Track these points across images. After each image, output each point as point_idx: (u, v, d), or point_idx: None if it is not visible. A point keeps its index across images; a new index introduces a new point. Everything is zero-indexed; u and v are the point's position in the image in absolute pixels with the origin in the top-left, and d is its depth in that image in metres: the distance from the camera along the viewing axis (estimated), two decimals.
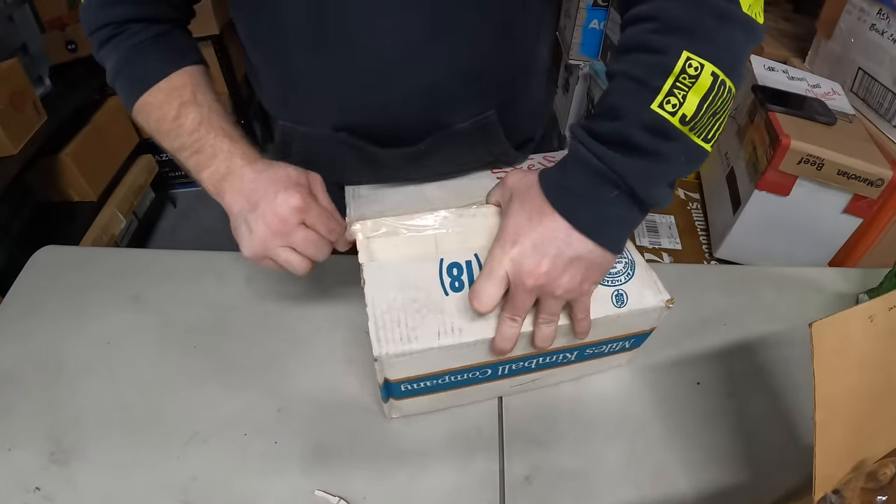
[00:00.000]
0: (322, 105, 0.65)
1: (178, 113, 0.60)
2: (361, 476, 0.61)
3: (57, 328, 0.75)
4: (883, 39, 1.08)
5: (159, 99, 0.62)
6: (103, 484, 0.60)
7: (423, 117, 0.64)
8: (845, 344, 0.44)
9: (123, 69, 0.64)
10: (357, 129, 0.65)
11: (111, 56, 0.64)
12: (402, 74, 0.60)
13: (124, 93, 0.64)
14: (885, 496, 0.43)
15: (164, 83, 0.62)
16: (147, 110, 0.62)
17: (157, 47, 0.64)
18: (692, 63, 0.45)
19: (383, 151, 0.66)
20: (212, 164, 0.59)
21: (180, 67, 0.63)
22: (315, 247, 0.57)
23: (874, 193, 1.00)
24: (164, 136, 0.62)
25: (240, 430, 0.64)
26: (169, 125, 0.61)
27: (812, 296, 0.82)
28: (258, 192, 0.56)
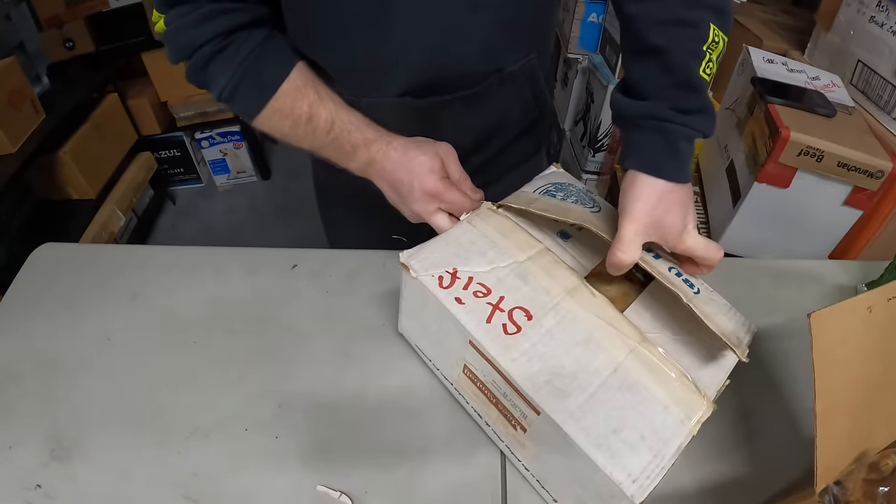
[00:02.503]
0: (387, 76, 0.70)
1: (309, 115, 0.64)
2: (363, 471, 0.61)
3: (57, 325, 0.75)
4: (882, 31, 1.08)
5: (287, 103, 0.64)
6: (104, 480, 0.61)
7: (480, 66, 0.71)
8: (845, 334, 0.44)
9: (243, 80, 0.64)
10: (420, 89, 0.70)
11: (223, 71, 0.63)
12: (462, 32, 0.66)
13: (248, 103, 0.65)
14: (887, 487, 0.43)
15: (286, 85, 0.64)
16: (278, 117, 0.65)
17: (267, 52, 0.65)
18: (716, 34, 0.57)
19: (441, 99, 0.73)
20: (354, 158, 0.66)
21: (294, 66, 0.65)
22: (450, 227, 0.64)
23: (874, 185, 1.00)
24: (300, 139, 0.67)
25: (240, 426, 0.64)
26: (304, 129, 0.65)
27: (812, 288, 0.82)
28: (398, 183, 0.65)
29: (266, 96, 0.64)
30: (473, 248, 0.60)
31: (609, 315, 0.56)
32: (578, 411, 0.49)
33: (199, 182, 2.43)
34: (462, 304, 0.55)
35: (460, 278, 0.56)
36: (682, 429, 0.49)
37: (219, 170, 2.39)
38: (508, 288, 0.56)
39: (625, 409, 0.50)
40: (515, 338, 0.53)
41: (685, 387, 0.52)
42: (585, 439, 0.48)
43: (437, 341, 0.62)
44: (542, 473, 0.57)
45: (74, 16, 1.89)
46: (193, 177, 2.41)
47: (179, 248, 0.85)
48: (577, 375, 0.51)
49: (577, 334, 0.54)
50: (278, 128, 0.66)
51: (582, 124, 1.93)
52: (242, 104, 0.66)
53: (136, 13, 1.93)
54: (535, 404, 0.50)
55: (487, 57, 0.70)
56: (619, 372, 0.52)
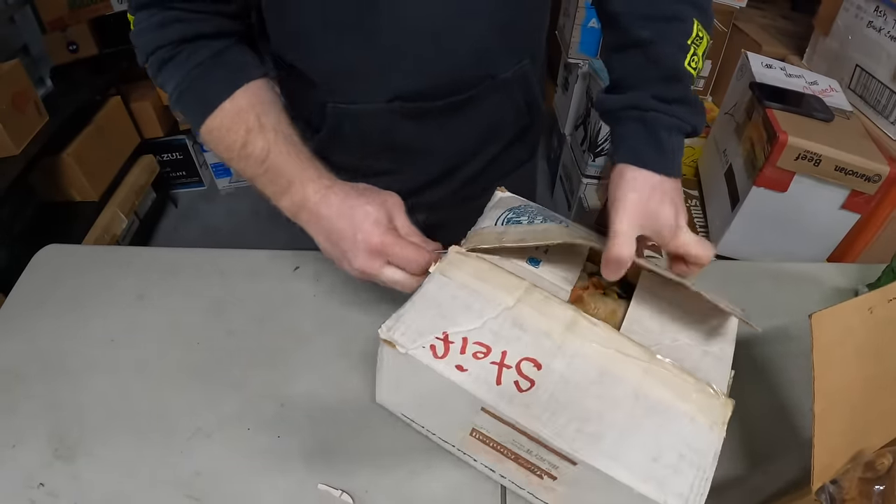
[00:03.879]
0: (376, 83, 0.68)
1: (244, 141, 0.60)
2: (364, 470, 0.61)
3: (61, 326, 0.75)
4: (880, 36, 1.09)
5: (224, 125, 0.60)
6: (107, 479, 0.61)
7: (472, 72, 0.69)
8: (844, 335, 0.45)
9: (185, 93, 0.62)
10: (410, 95, 0.68)
11: (170, 80, 0.62)
12: (454, 38, 0.65)
13: (189, 117, 0.63)
14: (883, 485, 0.44)
15: (227, 104, 0.60)
16: (214, 137, 0.62)
17: (216, 66, 0.62)
18: (699, 30, 0.58)
19: (433, 105, 0.70)
20: (287, 194, 0.60)
21: (244, 83, 0.61)
22: (405, 281, 0.58)
23: (871, 189, 1.01)
24: (234, 164, 0.62)
25: (243, 426, 0.65)
26: (238, 154, 0.61)
27: (810, 291, 0.83)
28: (338, 235, 0.58)
29: (204, 114, 0.61)
30: (457, 304, 0.54)
31: (613, 341, 0.54)
32: (615, 450, 0.48)
33: (201, 185, 2.44)
34: (465, 370, 0.50)
35: (454, 342, 0.52)
36: (714, 435, 0.49)
37: (221, 173, 2.40)
38: (508, 340, 0.53)
39: (657, 433, 0.49)
40: (532, 393, 0.50)
41: (702, 392, 0.52)
42: (631, 477, 0.46)
43: (435, 411, 0.58)
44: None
45: (78, 19, 1.90)
46: (195, 180, 2.41)
47: (183, 250, 0.86)
48: (603, 415, 0.49)
49: (591, 371, 0.52)
50: (216, 149, 0.62)
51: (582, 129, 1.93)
52: (186, 116, 0.64)
53: None
54: (571, 457, 0.48)
55: (480, 63, 0.69)
56: (640, 397, 0.51)
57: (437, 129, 0.74)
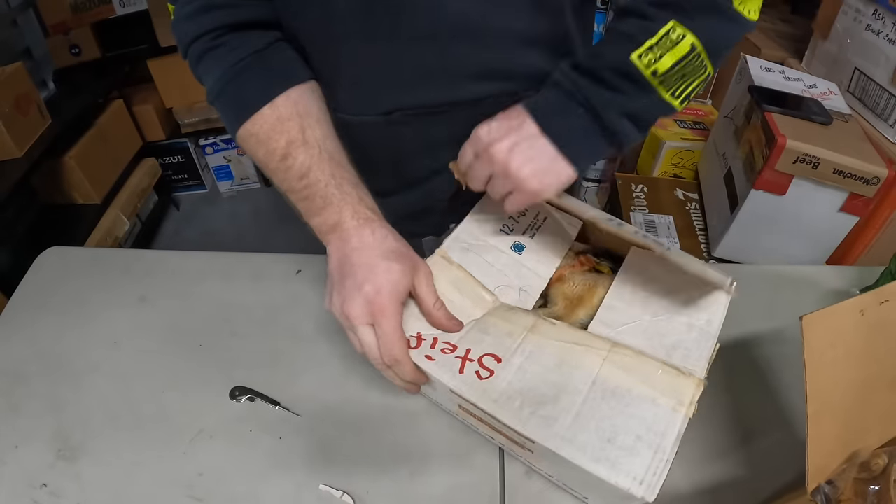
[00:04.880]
0: (376, 93, 0.65)
1: (285, 153, 0.56)
2: (365, 472, 0.61)
3: (64, 328, 0.76)
4: (878, 39, 1.09)
5: (265, 131, 0.57)
6: (110, 480, 0.61)
7: (481, 89, 0.65)
8: (836, 337, 0.45)
9: (224, 92, 0.58)
10: (410, 106, 0.66)
11: (209, 75, 0.58)
12: (458, 55, 0.61)
13: (226, 118, 0.59)
14: (878, 486, 0.44)
15: (268, 110, 0.57)
16: (253, 143, 0.58)
17: (259, 65, 0.58)
18: (676, 31, 0.51)
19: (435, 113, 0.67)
20: (321, 214, 0.57)
21: (286, 89, 0.58)
22: (370, 351, 0.55)
23: (870, 192, 1.01)
24: (271, 173, 0.59)
25: (245, 427, 0.65)
26: (276, 164, 0.57)
27: (809, 294, 0.83)
28: (351, 267, 0.54)
29: (242, 117, 0.57)
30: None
31: (573, 336, 0.58)
32: (568, 433, 0.50)
33: (203, 188, 2.44)
34: (432, 360, 0.56)
35: (426, 339, 0.58)
36: (676, 416, 0.51)
37: (223, 176, 2.40)
38: (472, 341, 0.58)
39: (613, 416, 0.51)
40: (490, 381, 0.54)
41: (669, 374, 0.53)
42: (583, 457, 0.49)
43: (432, 387, 0.62)
44: (565, 479, 0.58)
45: (81, 22, 1.91)
46: (197, 183, 2.42)
47: (185, 252, 0.86)
48: (559, 398, 0.52)
49: (548, 362, 0.55)
50: (254, 154, 0.59)
51: None
52: (222, 117, 0.60)
53: (142, 20, 1.95)
54: (526, 437, 0.51)
55: (492, 83, 0.66)
56: (597, 383, 0.53)
57: (435, 141, 0.71)
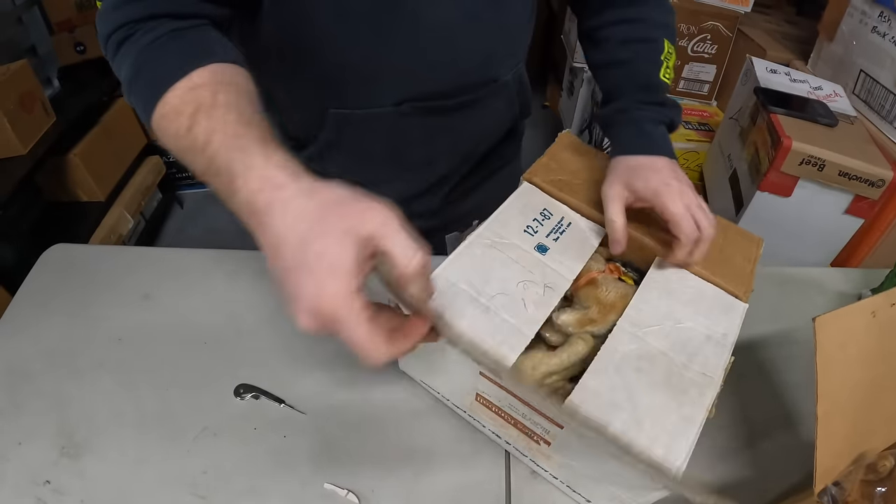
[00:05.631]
0: (387, 85, 0.68)
1: (190, 124, 0.45)
2: (369, 470, 0.61)
3: (68, 325, 0.76)
4: (884, 42, 1.09)
5: (174, 107, 0.47)
6: (114, 477, 0.61)
7: (479, 75, 0.72)
8: (847, 338, 0.45)
9: (138, 76, 0.50)
10: (419, 97, 0.70)
11: (124, 62, 0.51)
12: (464, 43, 0.67)
13: (140, 106, 0.50)
14: (885, 488, 0.44)
15: (182, 83, 0.47)
16: (164, 125, 0.48)
17: (174, 43, 0.50)
18: (668, 47, 0.69)
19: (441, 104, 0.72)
20: (234, 190, 0.42)
21: (205, 64, 0.48)
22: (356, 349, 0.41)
23: (875, 194, 1.01)
24: (183, 156, 0.47)
25: (249, 425, 0.65)
26: (185, 142, 0.45)
27: (814, 295, 0.83)
28: (278, 256, 0.41)
29: (154, 96, 0.47)
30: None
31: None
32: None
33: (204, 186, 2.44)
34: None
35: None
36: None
37: None
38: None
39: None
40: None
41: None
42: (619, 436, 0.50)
43: (445, 375, 0.63)
44: (570, 479, 0.58)
45: (86, 20, 1.91)
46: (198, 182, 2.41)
47: (190, 250, 0.86)
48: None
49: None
50: (166, 140, 0.48)
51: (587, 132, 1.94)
52: (137, 107, 0.51)
53: None
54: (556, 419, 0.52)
55: (487, 67, 0.72)
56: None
57: (440, 130, 0.75)
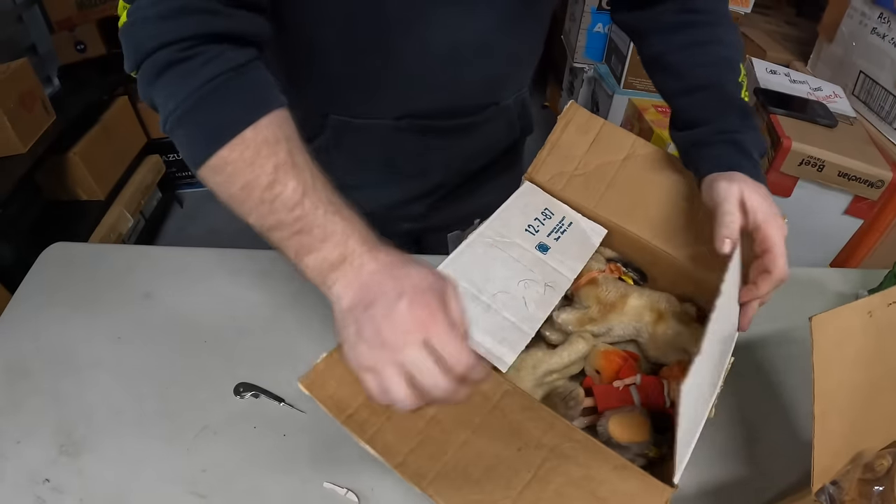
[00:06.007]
0: (388, 100, 0.68)
1: (272, 179, 0.46)
2: (369, 469, 0.61)
3: (67, 323, 0.76)
4: (884, 43, 1.09)
5: (246, 157, 0.46)
6: (113, 476, 0.61)
7: (480, 99, 0.72)
8: (844, 338, 0.45)
9: (193, 111, 0.47)
10: (419, 114, 0.70)
11: (174, 92, 0.47)
12: (469, 69, 0.66)
13: (191, 145, 0.48)
14: (882, 487, 0.44)
15: (250, 132, 0.46)
16: (229, 172, 0.47)
17: (236, 83, 0.48)
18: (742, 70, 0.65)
19: (439, 123, 0.72)
20: (322, 248, 0.45)
21: (269, 112, 0.48)
22: (431, 376, 0.41)
23: (874, 195, 1.01)
24: (253, 208, 0.47)
25: (249, 424, 0.65)
26: (260, 195, 0.46)
27: (813, 295, 0.83)
28: (377, 287, 0.44)
29: (218, 141, 0.46)
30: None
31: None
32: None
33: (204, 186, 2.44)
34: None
35: None
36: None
37: None
38: None
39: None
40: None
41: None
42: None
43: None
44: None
45: (86, 19, 1.91)
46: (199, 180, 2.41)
47: (190, 249, 0.86)
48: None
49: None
50: (227, 186, 0.47)
51: None
52: (188, 141, 0.48)
53: None
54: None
55: (489, 92, 0.72)
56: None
57: (437, 147, 0.76)
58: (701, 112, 0.65)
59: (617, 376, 0.60)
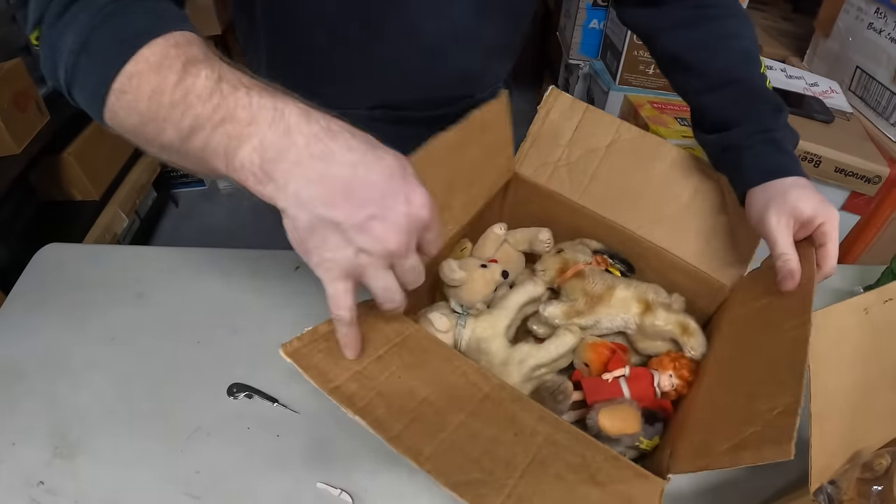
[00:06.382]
0: (361, 90, 0.68)
1: (181, 75, 0.38)
2: (363, 469, 0.61)
3: (61, 325, 0.75)
4: (881, 38, 1.09)
5: (153, 62, 0.39)
6: (107, 478, 0.61)
7: (454, 91, 0.71)
8: (840, 335, 0.45)
9: (94, 35, 0.41)
10: (392, 105, 0.69)
11: (73, 24, 0.41)
12: (444, 62, 0.66)
13: (95, 71, 0.41)
14: (881, 486, 0.44)
15: (160, 40, 0.39)
16: (134, 85, 0.39)
17: (142, 5, 0.42)
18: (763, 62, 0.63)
19: (412, 114, 0.71)
20: (254, 133, 0.38)
21: (173, 29, 0.41)
22: (417, 274, 0.42)
23: (871, 191, 1.01)
24: (165, 116, 0.39)
25: (242, 424, 0.65)
26: (171, 97, 0.38)
27: None
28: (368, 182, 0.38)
29: (124, 54, 0.39)
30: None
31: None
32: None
33: (202, 185, 2.43)
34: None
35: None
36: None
37: None
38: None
39: None
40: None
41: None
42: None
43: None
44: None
45: None
46: (196, 179, 2.41)
47: (184, 249, 0.86)
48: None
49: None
50: (132, 107, 0.40)
51: None
52: (92, 70, 0.41)
53: None
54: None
55: (464, 84, 0.72)
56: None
57: (411, 137, 0.74)
58: (731, 110, 0.63)
59: (606, 368, 0.59)
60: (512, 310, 0.60)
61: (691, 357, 0.60)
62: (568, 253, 0.66)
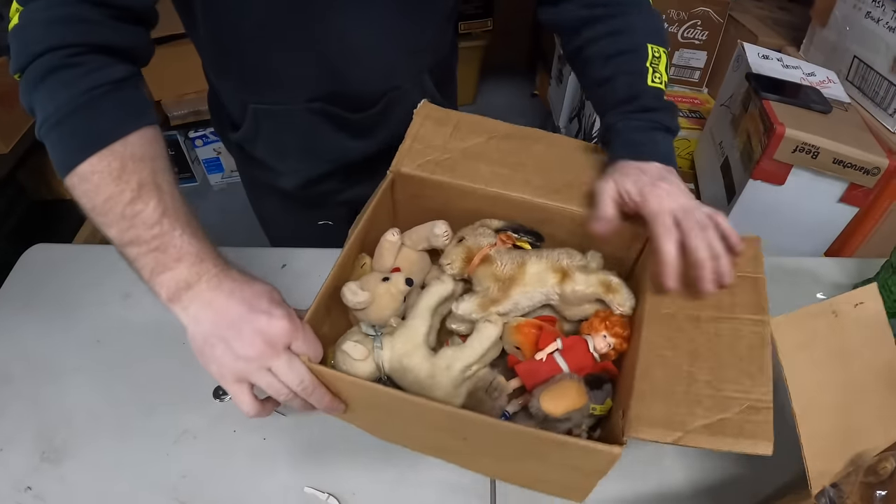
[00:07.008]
0: (296, 87, 0.73)
1: (135, 196, 0.49)
2: (351, 473, 0.60)
3: (48, 326, 0.75)
4: (878, 27, 1.07)
5: (114, 168, 0.49)
6: (94, 482, 0.61)
7: (382, 85, 0.76)
8: (810, 339, 0.46)
9: (69, 118, 0.50)
10: (326, 98, 0.74)
11: (53, 97, 0.50)
12: (368, 58, 0.71)
13: (63, 150, 0.50)
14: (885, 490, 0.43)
15: (119, 147, 0.50)
16: (95, 182, 0.49)
17: (113, 97, 0.52)
18: (655, 51, 0.66)
19: (351, 116, 0.77)
20: (176, 267, 0.49)
21: (140, 127, 0.52)
22: (297, 375, 0.49)
23: (870, 182, 1.00)
24: (114, 221, 0.49)
25: (228, 428, 0.64)
26: (122, 210, 0.49)
27: (808, 286, 0.82)
28: (239, 305, 0.50)
29: (88, 150, 0.49)
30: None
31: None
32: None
33: (194, 181, 2.42)
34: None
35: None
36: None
37: (213, 169, 2.38)
38: None
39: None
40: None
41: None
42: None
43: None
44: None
45: None
46: (188, 175, 2.39)
47: None
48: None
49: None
50: (90, 196, 0.49)
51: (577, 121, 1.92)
52: (61, 147, 0.51)
53: None
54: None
55: (388, 77, 0.76)
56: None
57: (350, 126, 0.79)
58: (600, 108, 0.69)
59: (538, 347, 0.56)
60: (425, 316, 0.57)
61: (621, 313, 0.58)
62: (470, 239, 0.63)
